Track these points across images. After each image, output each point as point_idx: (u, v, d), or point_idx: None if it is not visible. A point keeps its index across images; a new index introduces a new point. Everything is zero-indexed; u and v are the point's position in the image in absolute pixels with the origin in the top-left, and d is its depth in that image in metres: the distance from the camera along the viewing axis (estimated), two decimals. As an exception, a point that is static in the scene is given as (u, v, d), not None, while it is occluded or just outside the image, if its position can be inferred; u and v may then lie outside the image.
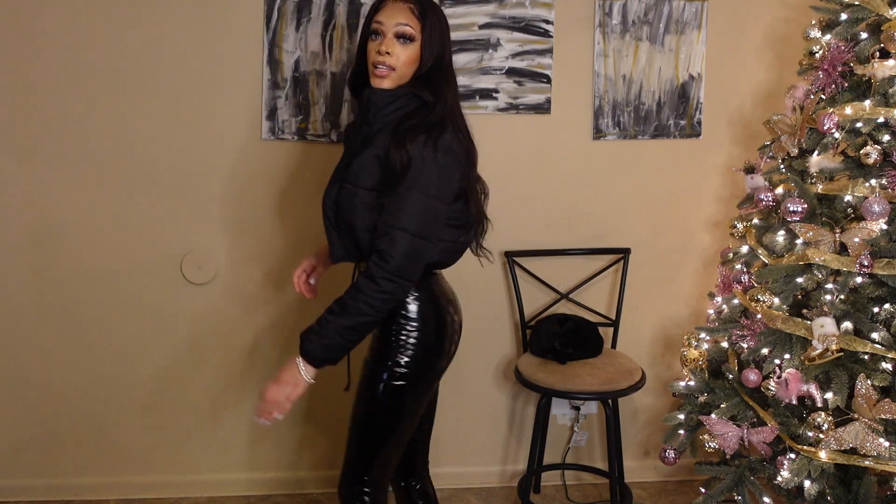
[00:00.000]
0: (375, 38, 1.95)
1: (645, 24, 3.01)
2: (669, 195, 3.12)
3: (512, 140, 3.02)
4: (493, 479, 3.19)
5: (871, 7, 2.22)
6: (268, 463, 3.09)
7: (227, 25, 2.85)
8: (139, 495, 3.03)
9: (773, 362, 2.24)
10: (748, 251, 2.52)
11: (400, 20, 1.93)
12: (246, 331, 3.01)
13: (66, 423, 2.99)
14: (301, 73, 2.88)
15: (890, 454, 2.04)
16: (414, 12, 1.95)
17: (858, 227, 2.14)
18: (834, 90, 2.27)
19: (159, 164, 2.90)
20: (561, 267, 3.09)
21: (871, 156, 2.15)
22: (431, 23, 1.96)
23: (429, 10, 1.98)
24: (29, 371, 2.95)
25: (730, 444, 2.27)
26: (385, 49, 1.92)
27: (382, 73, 1.94)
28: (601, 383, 2.71)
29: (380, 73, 1.94)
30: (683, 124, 3.08)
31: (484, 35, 2.94)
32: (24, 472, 2.99)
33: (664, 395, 3.16)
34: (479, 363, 3.13)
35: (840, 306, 2.16)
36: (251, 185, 2.94)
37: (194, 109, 2.88)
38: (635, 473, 3.20)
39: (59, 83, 2.83)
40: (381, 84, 1.94)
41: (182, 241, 2.94)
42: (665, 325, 3.19)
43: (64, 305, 2.93)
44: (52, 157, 2.86)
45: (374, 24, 1.96)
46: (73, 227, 2.90)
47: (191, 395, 3.02)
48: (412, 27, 1.94)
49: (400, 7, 1.96)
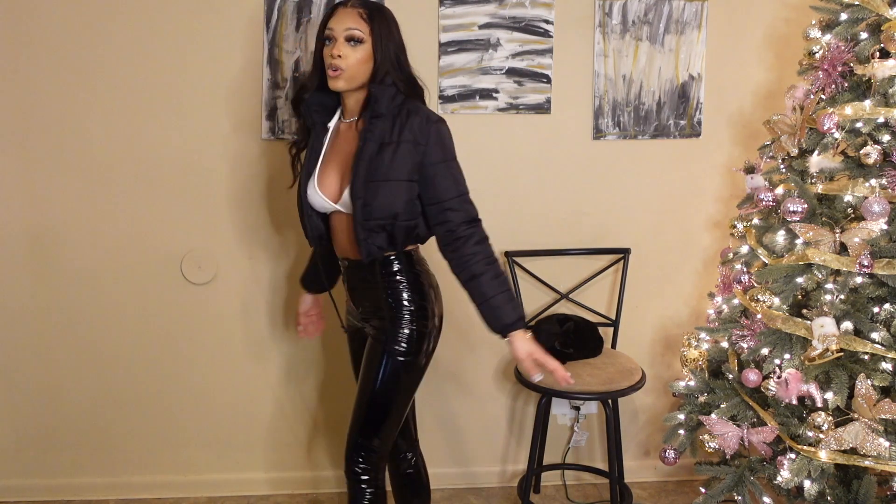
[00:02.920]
0: (329, 43, 2.11)
1: (645, 24, 3.01)
2: (669, 195, 3.12)
3: (512, 140, 3.02)
4: (493, 479, 3.19)
5: (871, 7, 2.22)
6: (268, 463, 3.09)
7: (227, 25, 2.85)
8: (139, 495, 3.03)
9: (773, 362, 2.24)
10: (748, 251, 2.52)
11: (349, 24, 2.09)
12: (246, 331, 3.01)
13: (66, 423, 2.99)
14: (301, 74, 2.87)
15: (890, 454, 2.04)
16: (362, 16, 2.10)
17: (858, 227, 2.14)
18: (834, 90, 2.27)
19: (159, 164, 2.90)
20: (561, 267, 3.09)
21: (871, 156, 2.15)
22: (379, 24, 2.10)
23: (375, 13, 2.12)
24: (29, 371, 2.95)
25: (730, 444, 2.27)
26: (336, 52, 2.08)
27: (334, 73, 2.09)
28: (601, 383, 2.71)
29: (332, 73, 2.09)
30: (683, 124, 3.08)
31: (484, 35, 2.94)
32: (24, 472, 2.99)
33: (664, 395, 3.16)
34: (479, 363, 3.13)
35: (840, 306, 2.16)
36: (251, 184, 2.94)
37: (194, 109, 2.88)
38: (635, 473, 3.20)
39: (59, 83, 2.83)
40: (336, 85, 2.10)
41: (182, 241, 2.94)
42: (665, 325, 3.19)
43: (63, 305, 2.93)
44: (52, 157, 2.86)
45: (326, 31, 2.12)
46: (73, 227, 2.90)
47: (191, 395, 3.02)
48: (360, 30, 2.09)
49: (349, 12, 2.11)
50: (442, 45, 2.93)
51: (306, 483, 3.10)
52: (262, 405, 3.06)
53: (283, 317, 3.00)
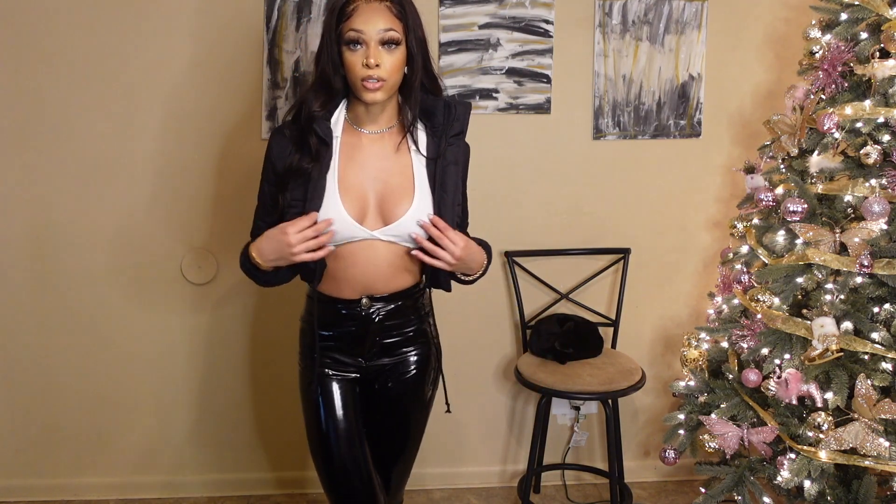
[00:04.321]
0: (355, 48, 1.75)
1: (645, 24, 3.01)
2: (669, 195, 3.12)
3: (512, 140, 3.02)
4: (493, 479, 3.19)
5: (871, 7, 2.22)
6: (268, 463, 3.09)
7: (227, 25, 2.85)
8: (139, 495, 3.03)
9: (773, 362, 2.24)
10: (748, 251, 2.52)
11: (381, 25, 1.75)
12: (246, 331, 3.01)
13: (66, 423, 2.99)
14: (301, 73, 2.88)
15: (890, 454, 2.03)
16: (392, 11, 1.77)
17: (858, 227, 2.14)
18: (834, 90, 2.27)
19: (159, 164, 2.90)
20: (561, 267, 3.09)
21: (871, 156, 2.15)
22: (413, 20, 1.79)
23: (406, 5, 1.80)
24: (29, 371, 2.95)
25: (730, 444, 2.27)
26: (374, 60, 1.74)
27: (374, 86, 1.76)
28: (601, 383, 2.71)
29: (371, 86, 1.75)
30: (683, 124, 3.08)
31: (484, 35, 2.94)
32: (24, 472, 2.99)
33: (664, 395, 3.16)
34: (479, 363, 3.13)
35: (840, 306, 2.16)
36: (251, 184, 2.92)
37: (194, 109, 2.88)
38: (635, 473, 3.20)
39: (60, 84, 2.83)
40: (375, 98, 1.77)
41: (182, 241, 2.94)
42: (665, 325, 3.19)
43: (64, 305, 2.93)
44: (52, 157, 2.86)
45: (350, 33, 1.75)
46: (73, 227, 2.90)
47: (191, 395, 3.02)
48: (396, 30, 1.76)
49: (377, 8, 1.76)
50: (442, 45, 2.93)
51: (306, 483, 3.10)
52: (263, 405, 3.06)
53: (283, 317, 3.00)
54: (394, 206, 1.83)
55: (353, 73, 1.77)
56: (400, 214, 1.82)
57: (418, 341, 1.99)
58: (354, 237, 1.82)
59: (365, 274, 1.86)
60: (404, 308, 1.94)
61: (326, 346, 1.93)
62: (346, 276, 1.87)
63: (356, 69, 1.76)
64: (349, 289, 1.89)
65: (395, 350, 1.97)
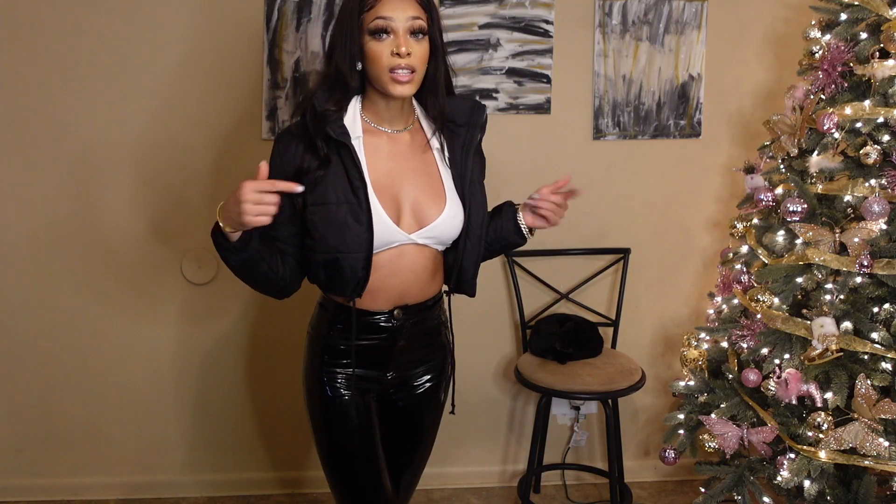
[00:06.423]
0: (383, 38, 1.65)
1: (645, 24, 3.01)
2: (669, 195, 3.12)
3: (512, 140, 3.02)
4: (493, 479, 3.19)
5: (871, 7, 2.22)
6: (268, 463, 3.09)
7: (227, 25, 2.85)
8: (139, 495, 3.03)
9: (773, 362, 2.24)
10: (748, 251, 2.52)
11: (410, 13, 1.66)
12: (246, 331, 3.01)
13: (66, 423, 2.99)
14: (301, 73, 2.88)
15: (889, 454, 2.04)
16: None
17: (858, 227, 2.14)
18: (834, 90, 2.27)
19: (159, 164, 2.90)
20: (561, 267, 3.08)
21: (871, 156, 2.15)
22: (435, 11, 1.73)
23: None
24: (28, 371, 2.95)
25: (730, 444, 2.27)
26: (406, 49, 1.64)
27: (405, 77, 1.66)
28: (601, 383, 2.71)
29: (402, 77, 1.65)
30: (683, 124, 3.08)
31: (484, 35, 2.94)
32: (24, 472, 2.99)
33: (664, 395, 3.16)
34: (479, 363, 3.12)
35: (840, 306, 2.16)
36: (251, 185, 2.94)
37: (194, 109, 2.88)
38: (635, 473, 3.20)
39: (59, 83, 2.83)
40: (404, 91, 1.67)
41: (182, 241, 2.94)
42: (665, 325, 3.19)
43: (63, 305, 2.93)
44: (51, 157, 2.86)
45: (377, 21, 1.65)
46: (73, 226, 2.90)
47: (190, 394, 3.02)
48: (422, 18, 1.68)
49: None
50: (442, 45, 2.93)
51: (306, 483, 3.10)
52: (263, 405, 3.06)
53: (283, 317, 3.00)
54: (427, 207, 1.76)
55: (378, 64, 1.66)
56: (435, 216, 1.75)
57: (437, 351, 1.94)
58: (393, 242, 1.73)
59: (404, 283, 1.77)
60: (430, 317, 1.88)
61: (346, 363, 1.81)
62: (384, 285, 1.76)
63: (383, 59, 1.66)
64: (383, 300, 1.78)
65: (415, 361, 1.90)
